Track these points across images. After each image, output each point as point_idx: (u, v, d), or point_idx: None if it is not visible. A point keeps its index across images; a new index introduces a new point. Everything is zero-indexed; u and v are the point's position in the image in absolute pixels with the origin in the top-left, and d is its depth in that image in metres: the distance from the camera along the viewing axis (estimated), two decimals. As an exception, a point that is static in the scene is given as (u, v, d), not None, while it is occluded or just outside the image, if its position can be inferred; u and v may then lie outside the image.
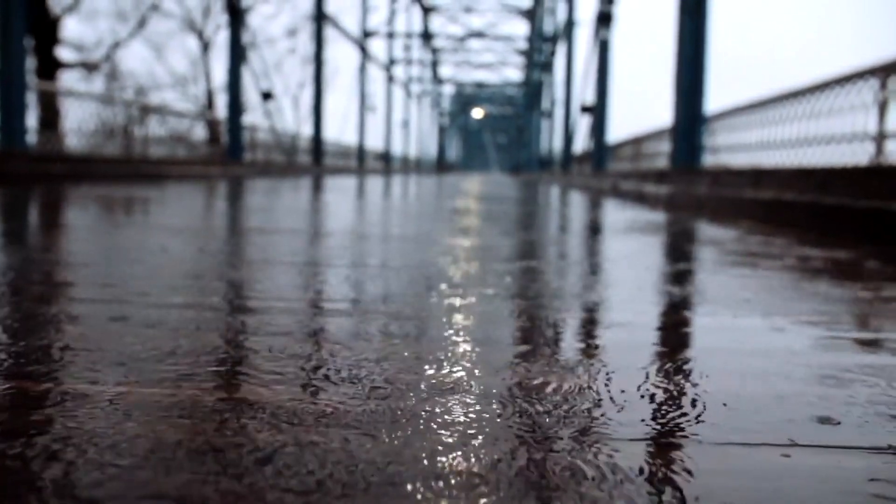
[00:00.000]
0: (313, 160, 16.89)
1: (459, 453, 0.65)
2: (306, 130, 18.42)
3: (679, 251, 2.74)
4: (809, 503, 0.59)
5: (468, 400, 0.80)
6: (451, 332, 1.14)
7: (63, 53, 18.08)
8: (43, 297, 1.35)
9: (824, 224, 3.31)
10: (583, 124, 13.42)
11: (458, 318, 1.26)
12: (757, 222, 3.90)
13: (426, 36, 32.92)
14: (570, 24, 16.64)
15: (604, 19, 11.12)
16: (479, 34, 33.46)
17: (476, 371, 0.92)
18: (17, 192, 5.01)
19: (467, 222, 3.69)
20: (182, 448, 0.64)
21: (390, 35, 28.07)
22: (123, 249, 2.20)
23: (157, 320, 1.16)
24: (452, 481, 0.59)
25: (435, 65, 40.45)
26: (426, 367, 0.93)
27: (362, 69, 23.67)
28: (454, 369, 0.92)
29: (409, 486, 0.58)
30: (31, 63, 15.24)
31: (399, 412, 0.75)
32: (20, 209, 3.82)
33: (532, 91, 29.38)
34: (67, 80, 19.05)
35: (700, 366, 0.98)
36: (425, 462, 0.63)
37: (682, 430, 0.74)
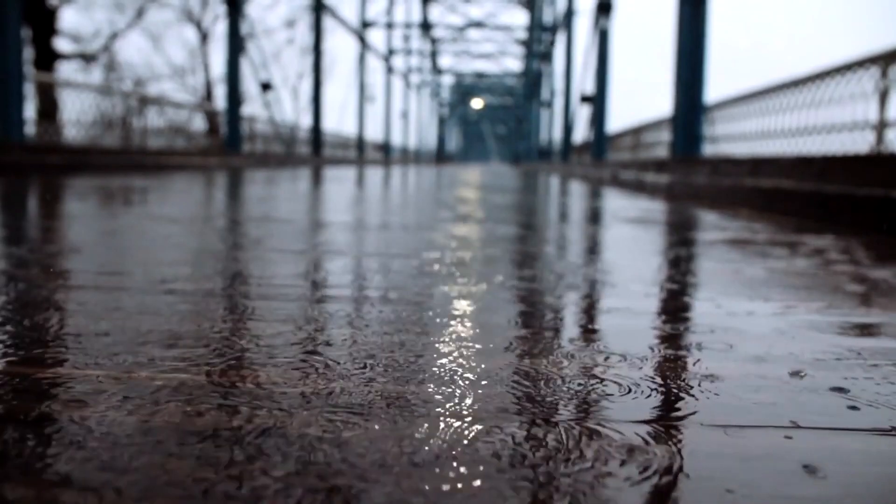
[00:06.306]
0: (312, 151, 16.86)
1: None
2: (305, 121, 18.40)
3: (678, 238, 2.74)
4: (810, 483, 0.59)
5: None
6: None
7: (61, 44, 18.02)
8: (41, 284, 1.35)
9: (824, 212, 3.30)
10: (582, 114, 13.40)
11: (462, 303, 1.26)
12: (756, 210, 3.90)
13: (425, 26, 32.82)
14: (569, 14, 16.58)
15: (603, 8, 11.08)
16: (478, 24, 33.35)
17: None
18: (15, 183, 5.00)
19: (469, 210, 3.68)
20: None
21: (389, 25, 27.98)
22: (120, 237, 2.20)
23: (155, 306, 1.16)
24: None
25: (434, 55, 40.32)
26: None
27: (361, 59, 23.61)
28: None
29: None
30: (28, 54, 15.19)
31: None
32: (17, 200, 3.81)
33: (531, 81, 29.28)
34: (65, 71, 19.02)
35: (698, 345, 0.98)
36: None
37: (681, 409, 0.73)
